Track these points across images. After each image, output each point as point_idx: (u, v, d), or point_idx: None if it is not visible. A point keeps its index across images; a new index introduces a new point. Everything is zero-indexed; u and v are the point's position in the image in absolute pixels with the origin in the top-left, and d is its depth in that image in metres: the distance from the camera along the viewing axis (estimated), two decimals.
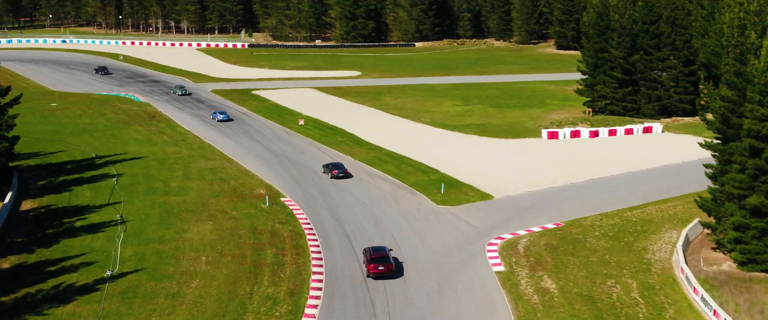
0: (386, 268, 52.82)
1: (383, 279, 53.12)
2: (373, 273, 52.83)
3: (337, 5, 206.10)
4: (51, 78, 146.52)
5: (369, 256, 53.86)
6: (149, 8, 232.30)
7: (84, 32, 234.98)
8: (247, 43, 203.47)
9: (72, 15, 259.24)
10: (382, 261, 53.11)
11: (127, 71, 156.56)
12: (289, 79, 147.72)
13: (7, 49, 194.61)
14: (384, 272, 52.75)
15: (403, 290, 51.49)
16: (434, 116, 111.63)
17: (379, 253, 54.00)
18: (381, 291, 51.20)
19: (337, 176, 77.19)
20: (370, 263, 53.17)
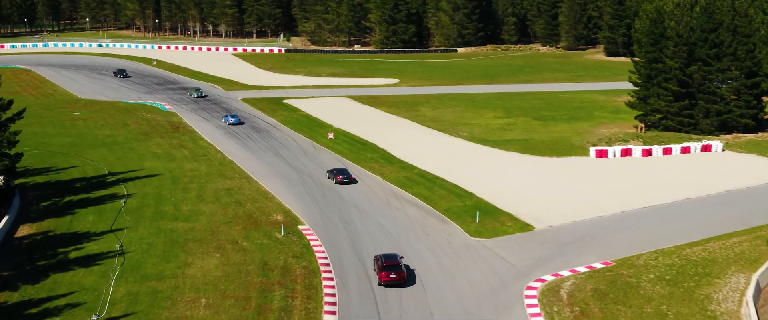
0: (398, 276, 51.98)
1: (395, 286, 51.84)
2: (385, 281, 51.97)
3: (376, 9, 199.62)
4: (80, 84, 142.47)
5: (381, 264, 52.91)
6: (187, 11, 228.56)
7: (122, 36, 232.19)
8: (284, 47, 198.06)
9: (111, 18, 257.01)
10: (393, 268, 52.22)
11: (158, 77, 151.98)
12: (323, 86, 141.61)
13: (43, 54, 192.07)
14: (396, 280, 51.93)
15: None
16: (473, 129, 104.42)
17: (391, 261, 53.05)
18: None
19: (341, 182, 76.63)
20: (381, 271, 52.24)
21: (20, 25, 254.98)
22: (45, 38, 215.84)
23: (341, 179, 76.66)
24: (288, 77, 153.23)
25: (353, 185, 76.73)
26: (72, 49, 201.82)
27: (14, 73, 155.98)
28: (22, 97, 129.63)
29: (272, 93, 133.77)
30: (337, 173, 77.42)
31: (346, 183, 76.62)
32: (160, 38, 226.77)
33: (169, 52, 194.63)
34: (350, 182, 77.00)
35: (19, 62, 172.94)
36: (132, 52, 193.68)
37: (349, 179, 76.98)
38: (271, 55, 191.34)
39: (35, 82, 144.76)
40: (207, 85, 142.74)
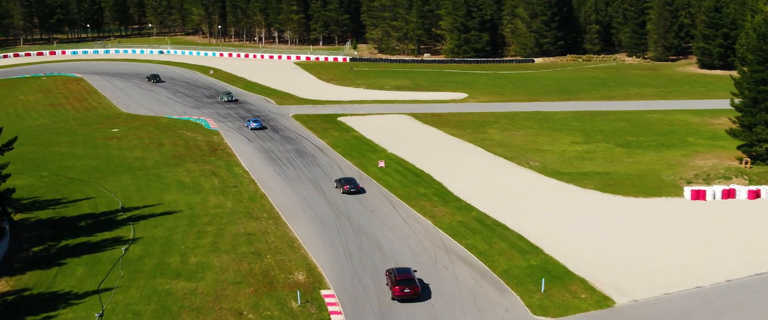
0: (412, 291, 50.80)
1: (409, 301, 50.55)
2: (399, 296, 50.84)
3: (447, 16, 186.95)
4: (128, 96, 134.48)
5: (394, 278, 51.63)
6: (253, 17, 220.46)
7: (186, 42, 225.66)
8: (350, 56, 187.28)
9: (179, 23, 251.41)
10: (407, 283, 51.01)
11: (210, 89, 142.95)
12: (384, 101, 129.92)
13: (102, 61, 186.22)
14: (410, 294, 50.76)
15: None
16: (546, 157, 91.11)
17: (404, 275, 51.86)
18: None
19: (348, 192, 75.90)
20: (395, 285, 50.99)
21: (87, 30, 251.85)
22: (107, 45, 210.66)
23: (348, 189, 75.83)
24: (348, 90, 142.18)
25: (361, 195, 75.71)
26: (132, 55, 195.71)
27: (66, 82, 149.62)
28: (64, 110, 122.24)
29: (327, 109, 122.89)
30: (345, 183, 76.72)
31: (353, 193, 75.75)
32: (223, 45, 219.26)
33: (229, 61, 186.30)
34: (358, 191, 76.18)
35: (77, 70, 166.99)
36: (191, 60, 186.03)
37: (356, 189, 76.07)
38: (335, 64, 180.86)
39: (83, 93, 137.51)
40: (260, 98, 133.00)
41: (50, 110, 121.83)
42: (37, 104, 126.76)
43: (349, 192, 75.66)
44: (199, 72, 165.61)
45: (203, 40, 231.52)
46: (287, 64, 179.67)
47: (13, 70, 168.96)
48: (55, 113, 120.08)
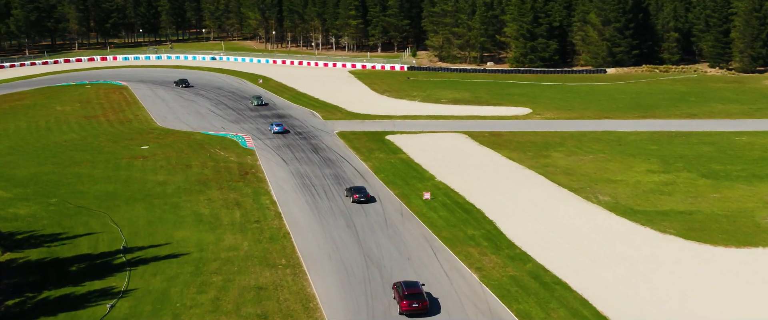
0: (421, 305, 49.33)
1: (417, 316, 49.17)
2: (407, 311, 49.26)
3: (513, 22, 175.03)
4: (168, 107, 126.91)
5: (402, 292, 50.08)
6: (310, 22, 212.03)
7: (242, 48, 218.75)
8: (408, 64, 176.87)
9: (236, 27, 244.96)
10: (416, 297, 49.57)
11: (254, 100, 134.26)
12: (439, 117, 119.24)
13: (151, 67, 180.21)
14: (419, 309, 49.28)
15: None
16: (618, 189, 79.25)
17: (412, 289, 50.37)
18: None
19: (358, 201, 74.09)
20: (403, 299, 49.53)
21: (144, 34, 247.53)
22: (159, 50, 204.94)
23: (358, 198, 74.17)
24: (401, 104, 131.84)
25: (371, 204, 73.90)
26: (183, 62, 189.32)
27: (108, 91, 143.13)
28: (97, 123, 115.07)
29: (376, 125, 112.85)
30: (354, 192, 74.99)
31: (363, 202, 74.07)
32: (279, 51, 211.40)
33: (281, 69, 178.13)
34: (368, 200, 74.54)
35: (125, 77, 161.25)
36: (243, 68, 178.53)
37: (365, 198, 74.37)
38: (392, 73, 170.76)
39: (122, 103, 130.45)
40: (306, 112, 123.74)
41: (83, 123, 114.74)
42: (71, 116, 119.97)
43: (358, 201, 73.87)
44: (248, 81, 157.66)
45: (259, 46, 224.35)
46: (341, 73, 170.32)
47: (61, 77, 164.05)
48: (87, 126, 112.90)
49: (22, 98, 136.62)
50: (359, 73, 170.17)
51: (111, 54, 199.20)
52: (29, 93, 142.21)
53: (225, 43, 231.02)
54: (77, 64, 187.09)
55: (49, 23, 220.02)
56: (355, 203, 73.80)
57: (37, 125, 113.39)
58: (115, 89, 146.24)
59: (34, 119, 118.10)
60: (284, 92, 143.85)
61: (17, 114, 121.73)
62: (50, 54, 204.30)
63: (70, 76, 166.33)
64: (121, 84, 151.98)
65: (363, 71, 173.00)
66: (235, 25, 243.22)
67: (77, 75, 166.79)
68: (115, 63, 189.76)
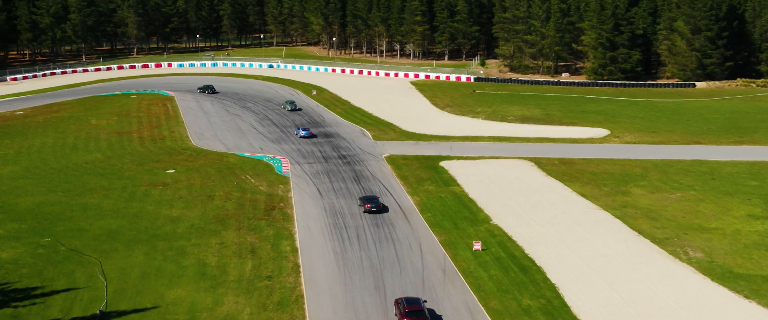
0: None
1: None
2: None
3: (591, 30, 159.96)
4: (209, 122, 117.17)
5: (403, 309, 49.21)
6: (374, 28, 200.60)
7: (303, 55, 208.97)
8: (474, 75, 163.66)
9: (299, 32, 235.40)
10: (417, 314, 48.57)
11: (304, 116, 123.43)
12: (504, 139, 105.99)
13: (205, 75, 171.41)
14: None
15: None
16: (713, 242, 65.10)
17: (414, 306, 49.41)
18: None
19: (369, 211, 72.29)
20: (403, 316, 48.61)
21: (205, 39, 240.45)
22: (216, 57, 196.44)
23: (369, 208, 72.46)
24: (463, 122, 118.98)
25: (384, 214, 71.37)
26: (240, 70, 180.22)
27: (151, 103, 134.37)
28: (128, 140, 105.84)
29: (432, 147, 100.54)
30: (366, 202, 73.27)
31: (375, 212, 72.35)
32: (340, 58, 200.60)
33: (339, 78, 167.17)
34: (380, 211, 72.73)
35: (175, 86, 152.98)
36: (299, 76, 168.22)
37: (377, 208, 72.58)
38: (456, 85, 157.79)
39: (161, 117, 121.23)
40: (356, 130, 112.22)
41: (113, 141, 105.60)
42: (104, 131, 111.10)
43: (370, 211, 72.23)
44: (302, 92, 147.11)
45: (321, 52, 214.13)
46: (402, 84, 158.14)
47: (111, 86, 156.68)
48: (116, 144, 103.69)
49: (61, 110, 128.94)
50: (421, 84, 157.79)
51: (167, 60, 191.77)
52: (69, 104, 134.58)
53: (286, 49, 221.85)
54: (131, 72, 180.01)
55: (109, 27, 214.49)
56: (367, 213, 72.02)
57: (64, 142, 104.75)
58: (159, 99, 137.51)
59: (63, 134, 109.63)
60: (337, 105, 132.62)
61: (48, 128, 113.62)
62: (107, 60, 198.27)
63: (120, 84, 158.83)
64: (168, 94, 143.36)
65: (426, 82, 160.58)
66: (299, 30, 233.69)
67: (128, 83, 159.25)
68: (169, 70, 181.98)
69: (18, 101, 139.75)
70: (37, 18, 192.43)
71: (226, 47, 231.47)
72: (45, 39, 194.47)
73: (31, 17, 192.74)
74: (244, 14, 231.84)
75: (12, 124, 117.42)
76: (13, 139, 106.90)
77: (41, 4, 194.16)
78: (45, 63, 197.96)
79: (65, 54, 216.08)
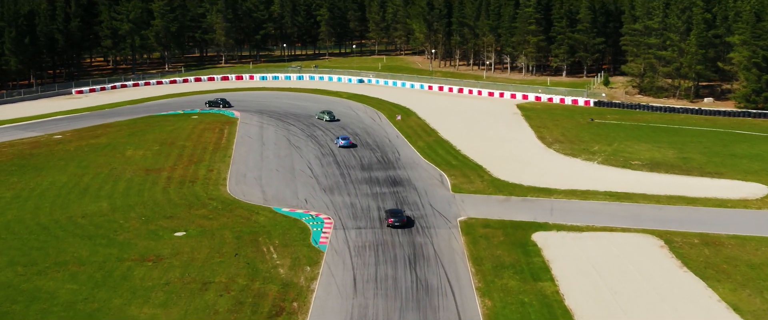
0: None
1: None
2: None
3: (743, 46, 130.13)
4: (259, 158, 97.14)
5: None
6: (482, 37, 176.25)
7: (403, 67, 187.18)
8: (594, 98, 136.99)
9: (403, 40, 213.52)
10: None
11: (376, 150, 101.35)
12: (624, 196, 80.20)
13: (285, 90, 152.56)
14: None
15: None
16: None
17: None
18: None
19: (393, 225, 68.73)
20: None
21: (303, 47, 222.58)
22: (302, 69, 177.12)
23: (393, 223, 68.92)
24: (573, 166, 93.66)
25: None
26: (326, 85, 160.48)
27: (208, 127, 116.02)
28: (153, 181, 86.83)
29: (526, 207, 76.42)
30: (390, 215, 69.85)
31: (399, 227, 68.43)
32: (442, 72, 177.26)
33: (434, 98, 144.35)
34: (403, 226, 68.68)
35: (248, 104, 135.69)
36: (390, 94, 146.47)
37: (401, 223, 68.76)
38: (572, 110, 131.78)
39: (207, 148, 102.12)
40: (434, 173, 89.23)
41: (134, 183, 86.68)
42: (131, 168, 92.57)
43: (393, 226, 68.97)
44: (385, 116, 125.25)
45: (424, 63, 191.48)
46: (506, 108, 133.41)
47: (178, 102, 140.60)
48: (135, 188, 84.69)
49: (103, 134, 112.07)
50: (529, 108, 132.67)
51: (250, 72, 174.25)
52: (116, 127, 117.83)
53: (387, 59, 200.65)
54: (208, 85, 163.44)
55: (197, 33, 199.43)
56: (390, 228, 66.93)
57: (77, 183, 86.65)
58: (220, 123, 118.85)
59: (84, 170, 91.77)
60: (421, 136, 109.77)
61: (72, 161, 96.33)
62: (188, 70, 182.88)
63: (189, 100, 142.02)
64: (234, 115, 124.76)
65: (535, 106, 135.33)
66: (402, 38, 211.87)
67: (199, 99, 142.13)
68: (249, 84, 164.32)
69: (66, 121, 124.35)
70: (116, 24, 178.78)
71: (323, 56, 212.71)
72: (123, 47, 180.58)
73: (112, 23, 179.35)
74: (344, 20, 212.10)
75: (37, 153, 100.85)
76: (24, 175, 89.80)
77: (122, 9, 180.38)
78: (126, 71, 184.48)
79: (149, 62, 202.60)
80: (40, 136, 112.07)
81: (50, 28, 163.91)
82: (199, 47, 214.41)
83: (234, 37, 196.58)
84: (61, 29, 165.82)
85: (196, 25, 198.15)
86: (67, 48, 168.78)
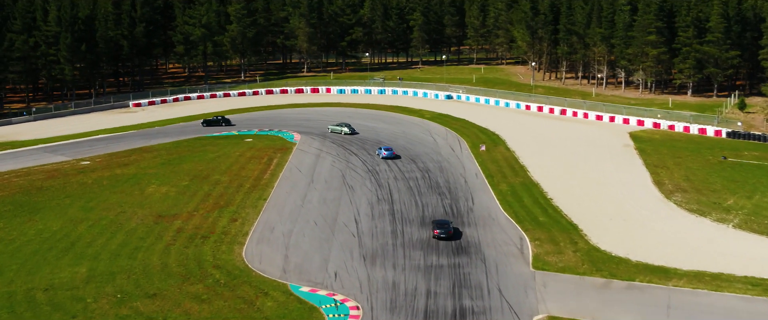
0: None
1: None
2: None
3: None
4: (300, 203, 79.10)
5: None
6: (592, 47, 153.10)
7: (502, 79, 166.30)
8: (728, 128, 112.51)
9: (505, 48, 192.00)
10: None
11: (444, 196, 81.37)
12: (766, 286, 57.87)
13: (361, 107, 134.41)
14: None
15: None
16: None
17: None
18: None
19: (439, 237, 65.73)
20: None
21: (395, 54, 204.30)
22: (384, 82, 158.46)
23: (439, 234, 65.78)
24: (700, 229, 71.09)
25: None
26: (409, 101, 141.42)
27: (255, 155, 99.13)
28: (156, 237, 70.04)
29: (632, 300, 55.57)
30: (436, 226, 66.41)
31: (445, 239, 65.33)
32: (545, 87, 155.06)
33: (532, 121, 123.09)
34: (449, 238, 65.57)
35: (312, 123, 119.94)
36: (479, 115, 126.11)
37: (447, 235, 65.58)
38: (699, 142, 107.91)
39: (243, 186, 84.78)
40: (512, 238, 68.71)
41: (136, 235, 69.94)
42: (141, 212, 76.02)
43: (439, 237, 65.31)
44: (467, 144, 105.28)
45: (526, 75, 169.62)
46: (616, 138, 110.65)
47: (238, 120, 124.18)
48: (132, 242, 67.95)
49: (134, 161, 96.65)
50: (645, 139, 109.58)
51: (329, 84, 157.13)
52: (155, 151, 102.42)
53: (486, 69, 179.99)
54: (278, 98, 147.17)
55: (278, 39, 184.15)
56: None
57: (71, 232, 70.67)
58: (272, 150, 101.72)
59: (88, 212, 75.87)
60: (506, 176, 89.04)
61: (81, 198, 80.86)
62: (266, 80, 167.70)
63: (251, 117, 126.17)
64: (293, 139, 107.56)
65: (652, 136, 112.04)
66: (504, 46, 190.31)
67: (265, 116, 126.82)
68: (328, 97, 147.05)
69: (105, 142, 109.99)
70: (189, 28, 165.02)
71: (415, 64, 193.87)
72: (195, 54, 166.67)
73: (185, 27, 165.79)
74: (440, 25, 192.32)
75: (48, 186, 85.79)
76: (13, 220, 74.47)
77: (195, 13, 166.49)
78: (200, 80, 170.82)
79: (226, 69, 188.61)
80: (65, 162, 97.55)
81: (115, 33, 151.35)
82: (281, 54, 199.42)
83: (317, 43, 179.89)
84: (125, 35, 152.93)
85: (278, 30, 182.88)
86: (132, 55, 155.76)
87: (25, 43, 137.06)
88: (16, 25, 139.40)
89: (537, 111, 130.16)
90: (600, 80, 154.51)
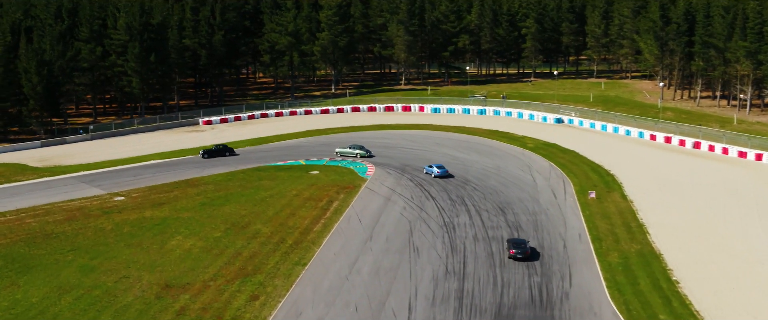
0: None
1: None
2: None
3: None
4: (346, 270, 62.59)
5: None
6: (733, 63, 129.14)
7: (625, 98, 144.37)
8: None
9: (630, 60, 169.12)
10: None
11: (533, 273, 62.41)
12: None
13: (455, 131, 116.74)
14: None
15: None
16: None
17: None
18: None
19: (514, 257, 62.19)
20: None
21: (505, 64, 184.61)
22: (486, 100, 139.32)
23: (514, 254, 62.23)
24: None
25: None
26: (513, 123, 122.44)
27: (312, 196, 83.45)
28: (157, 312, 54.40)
29: None
30: (511, 246, 62.84)
31: (521, 259, 61.84)
32: (675, 110, 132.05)
33: (659, 157, 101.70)
34: (525, 259, 61.90)
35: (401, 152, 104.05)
36: (593, 146, 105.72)
37: (523, 255, 61.91)
38: None
39: (284, 241, 68.81)
40: None
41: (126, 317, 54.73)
42: (146, 279, 61.06)
43: (515, 257, 61.99)
44: (574, 188, 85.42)
45: (654, 92, 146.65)
46: (765, 187, 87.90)
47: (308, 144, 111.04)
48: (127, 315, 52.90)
49: (172, 200, 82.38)
50: None
51: (423, 101, 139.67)
52: (200, 185, 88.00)
53: (604, 84, 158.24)
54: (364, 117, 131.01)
55: (375, 48, 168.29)
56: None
57: (51, 306, 56.43)
58: (336, 188, 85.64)
59: (85, 276, 61.61)
60: (619, 239, 69.09)
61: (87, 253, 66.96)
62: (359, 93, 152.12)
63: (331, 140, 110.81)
64: (365, 173, 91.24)
65: None
66: (629, 57, 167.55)
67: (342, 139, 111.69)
68: (419, 117, 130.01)
69: (152, 170, 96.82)
70: (275, 36, 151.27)
71: (527, 77, 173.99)
72: (281, 64, 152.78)
73: (272, 35, 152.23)
74: (556, 33, 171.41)
75: (59, 232, 72.32)
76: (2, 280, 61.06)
77: (282, 20, 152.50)
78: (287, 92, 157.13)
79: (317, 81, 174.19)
80: (96, 197, 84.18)
81: (192, 42, 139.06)
82: (379, 63, 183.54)
83: (417, 53, 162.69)
84: (203, 43, 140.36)
85: (376, 38, 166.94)
86: (210, 65, 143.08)
87: (92, 53, 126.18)
88: (83, 33, 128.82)
89: (664, 142, 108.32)
90: (743, 102, 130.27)
